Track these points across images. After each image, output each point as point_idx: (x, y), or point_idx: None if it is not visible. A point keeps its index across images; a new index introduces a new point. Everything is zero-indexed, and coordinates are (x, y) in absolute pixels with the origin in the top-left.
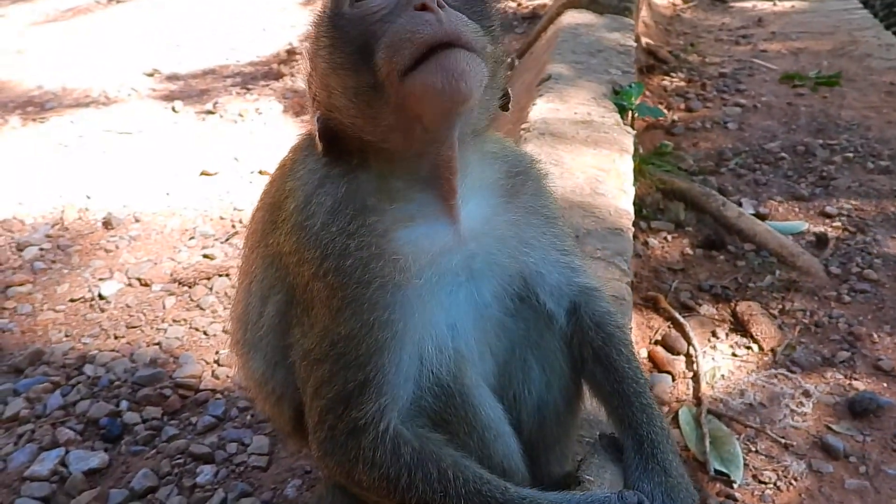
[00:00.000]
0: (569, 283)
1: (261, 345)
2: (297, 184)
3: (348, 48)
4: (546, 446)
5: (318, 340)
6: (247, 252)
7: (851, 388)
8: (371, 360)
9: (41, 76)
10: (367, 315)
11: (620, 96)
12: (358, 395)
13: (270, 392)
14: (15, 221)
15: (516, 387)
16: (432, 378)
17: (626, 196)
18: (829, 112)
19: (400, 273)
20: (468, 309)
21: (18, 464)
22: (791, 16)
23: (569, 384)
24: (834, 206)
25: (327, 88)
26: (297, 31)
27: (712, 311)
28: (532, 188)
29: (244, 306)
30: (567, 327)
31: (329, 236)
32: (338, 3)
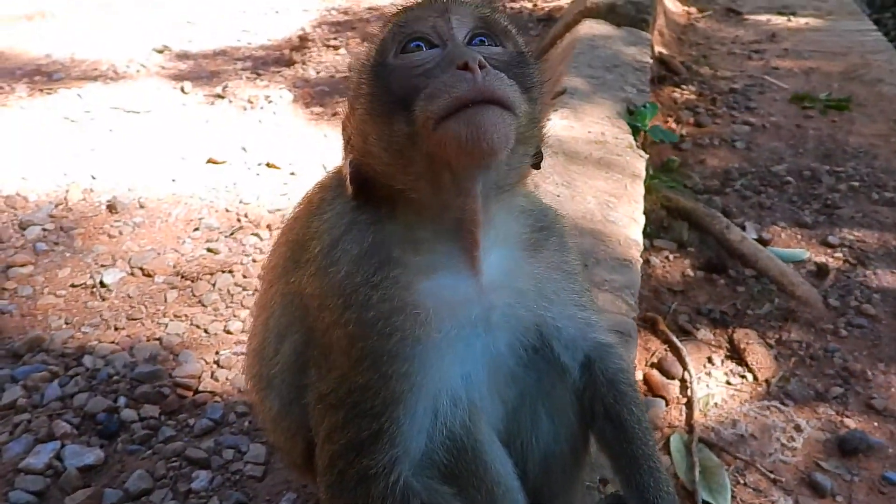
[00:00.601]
0: (584, 338)
1: (275, 382)
2: (324, 226)
3: (388, 97)
4: (551, 496)
5: (335, 386)
6: (265, 286)
7: (842, 426)
8: (386, 411)
9: (51, 44)
10: (386, 367)
11: (635, 116)
12: (370, 445)
13: (286, 429)
14: (18, 198)
15: (524, 435)
16: (446, 431)
17: (636, 225)
18: (837, 137)
19: (420, 327)
20: (483, 359)
21: (13, 454)
22: (805, 33)
23: (576, 436)
24: (836, 236)
25: (363, 134)
26: (311, 16)
27: (709, 336)
28: (555, 244)
29: (260, 341)
30: (579, 381)
31: (352, 286)
32: (383, 53)
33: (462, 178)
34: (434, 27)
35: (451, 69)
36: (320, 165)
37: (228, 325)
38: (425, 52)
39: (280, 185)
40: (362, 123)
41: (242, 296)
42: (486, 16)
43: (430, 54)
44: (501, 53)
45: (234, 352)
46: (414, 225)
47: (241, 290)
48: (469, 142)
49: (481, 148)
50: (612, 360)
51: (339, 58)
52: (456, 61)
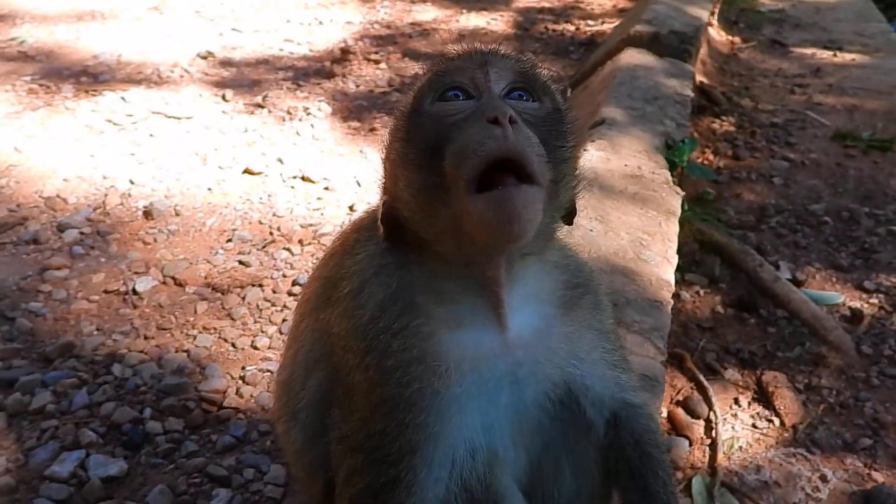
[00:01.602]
0: (612, 398)
1: (300, 416)
2: (355, 267)
3: (420, 145)
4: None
5: (356, 429)
6: (297, 319)
7: (870, 479)
8: (403, 459)
9: (98, 45)
10: (403, 415)
11: (673, 151)
12: (388, 492)
13: (307, 464)
14: (58, 200)
15: (546, 487)
16: (463, 481)
17: (669, 265)
18: (879, 179)
19: (439, 379)
20: (507, 411)
21: (39, 461)
22: (850, 69)
23: (598, 493)
24: (873, 282)
25: (395, 179)
26: (353, 28)
27: (737, 376)
28: (590, 302)
29: (289, 373)
30: (604, 438)
31: (374, 332)
32: (420, 101)
33: (486, 248)
34: (472, 78)
35: (481, 121)
36: (355, 181)
37: (256, 341)
38: (460, 103)
39: (314, 199)
40: (395, 167)
41: (271, 311)
42: (526, 70)
43: (466, 105)
44: (537, 109)
45: (260, 368)
46: (439, 275)
47: (270, 306)
48: (493, 228)
49: (505, 235)
50: (639, 421)
51: (379, 72)
52: (487, 114)
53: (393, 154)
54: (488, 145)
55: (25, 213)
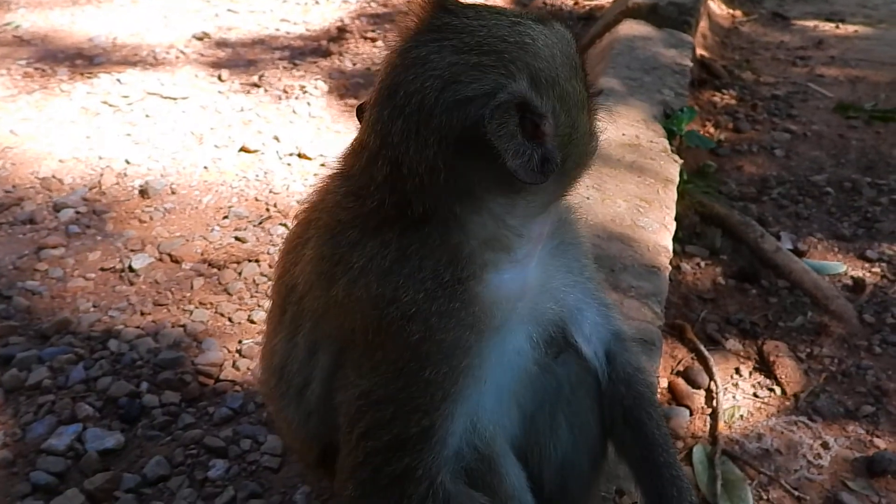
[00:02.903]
0: (604, 328)
1: (297, 397)
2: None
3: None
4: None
5: (385, 382)
6: (278, 305)
7: (872, 446)
8: (441, 408)
9: (93, 28)
10: (458, 361)
11: (671, 120)
12: (418, 442)
13: (303, 438)
14: (54, 180)
15: (542, 442)
16: (475, 435)
17: (666, 232)
18: (881, 149)
19: (486, 319)
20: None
21: (36, 435)
22: (853, 41)
23: (596, 445)
24: (875, 251)
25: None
26: (350, 7)
27: (738, 346)
28: (571, 234)
29: (282, 357)
30: (602, 377)
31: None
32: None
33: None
34: None
35: None
36: None
37: (252, 315)
38: None
39: (310, 176)
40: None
41: (267, 286)
42: None
43: None
44: None
45: (257, 342)
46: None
47: (267, 280)
48: None
49: None
50: (629, 357)
51: (375, 50)
52: None
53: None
54: None
55: (21, 194)
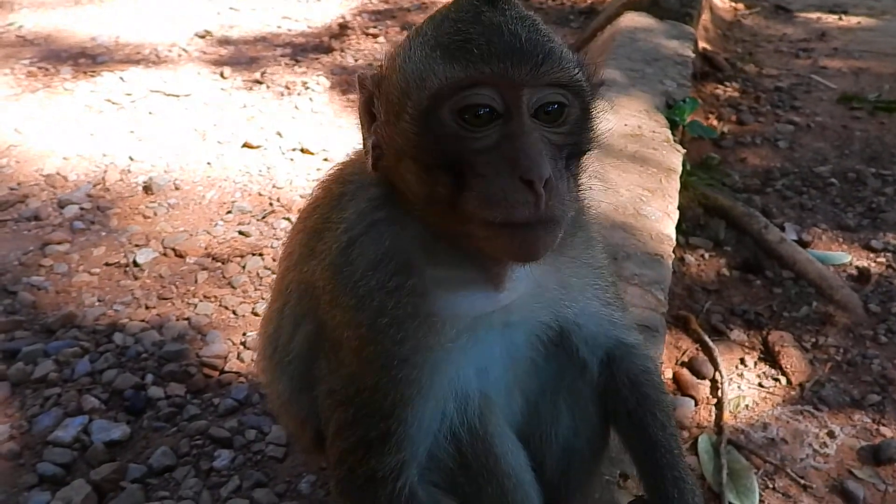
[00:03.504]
0: (605, 336)
1: (288, 369)
2: (343, 224)
3: (434, 155)
4: (569, 491)
5: (344, 384)
6: (281, 272)
7: (878, 434)
8: (394, 413)
9: (97, 28)
10: (396, 371)
11: (673, 111)
12: (378, 445)
13: (295, 415)
14: (58, 177)
15: (544, 428)
16: (455, 427)
17: (669, 220)
18: (885, 139)
19: (434, 336)
20: (501, 354)
21: (43, 427)
22: (856, 32)
23: (596, 432)
24: (880, 241)
25: (398, 154)
26: (351, 4)
27: (743, 337)
28: (581, 239)
29: (275, 327)
30: (599, 378)
31: (366, 289)
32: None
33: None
34: (503, 97)
35: (513, 174)
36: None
37: (256, 308)
38: (485, 121)
39: (313, 170)
40: (399, 145)
41: (271, 279)
42: (560, 79)
43: (491, 127)
44: (565, 120)
45: None
46: (437, 240)
47: (271, 273)
48: (516, 254)
49: (526, 259)
50: (635, 361)
51: (377, 46)
52: (522, 172)
53: (399, 135)
54: (519, 212)
55: (26, 191)
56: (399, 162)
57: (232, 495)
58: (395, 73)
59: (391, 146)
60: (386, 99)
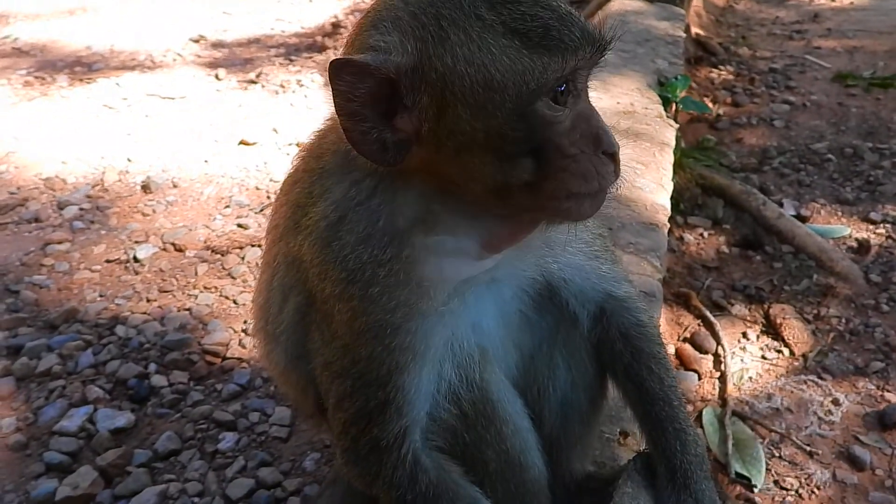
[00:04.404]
0: (594, 289)
1: (281, 339)
2: (327, 200)
3: (524, 143)
4: (568, 443)
5: (339, 355)
6: (268, 245)
7: (883, 400)
8: (391, 381)
9: (91, 37)
10: (390, 340)
11: (665, 88)
12: (379, 414)
13: (294, 382)
14: (57, 180)
15: (541, 382)
16: (454, 386)
17: (663, 191)
18: (881, 115)
19: (426, 300)
20: (492, 308)
21: (48, 418)
22: (849, 12)
23: (594, 385)
24: (879, 213)
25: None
26: (344, 3)
27: (744, 311)
28: None
29: (265, 298)
30: (593, 332)
31: (357, 263)
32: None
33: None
34: (577, 78)
35: (598, 151)
36: None
37: None
38: (565, 108)
39: None
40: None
41: None
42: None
43: (568, 109)
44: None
45: None
46: (437, 208)
47: None
48: (585, 215)
49: (590, 216)
50: (627, 314)
51: None
52: (603, 146)
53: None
54: (607, 182)
55: (26, 195)
56: (454, 159)
57: (237, 475)
58: (455, 63)
59: (445, 147)
60: (438, 93)
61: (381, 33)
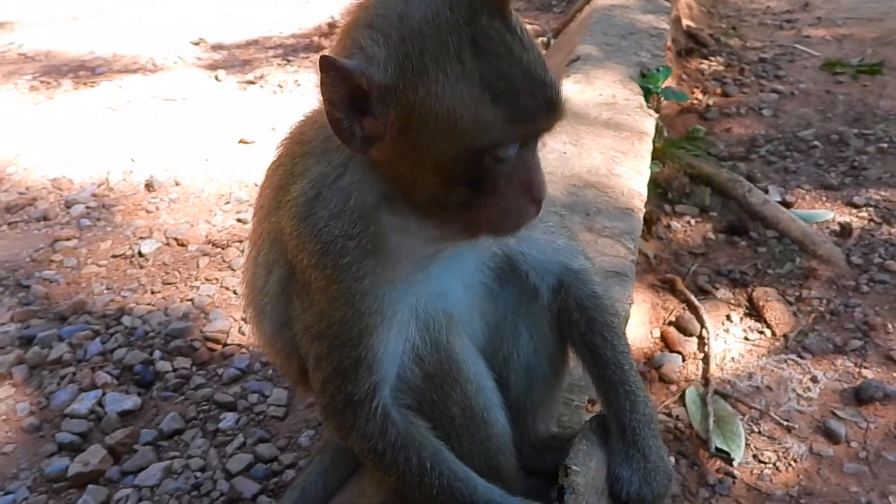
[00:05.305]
0: (551, 261)
1: (267, 309)
2: (307, 176)
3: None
4: (533, 406)
5: (316, 320)
6: (255, 223)
7: (860, 376)
8: (362, 342)
9: (93, 42)
10: (359, 305)
11: (647, 79)
12: (353, 372)
13: (280, 350)
14: (64, 180)
15: (506, 349)
16: (419, 349)
17: (640, 177)
18: (868, 101)
19: (392, 270)
20: (456, 280)
21: (60, 402)
22: (839, 0)
23: (555, 352)
24: (862, 196)
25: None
26: (340, 4)
27: (729, 295)
28: None
29: (252, 273)
30: (552, 303)
31: (330, 236)
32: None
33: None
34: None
35: (527, 196)
36: None
37: None
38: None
39: None
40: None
41: None
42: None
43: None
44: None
45: None
46: (398, 197)
47: None
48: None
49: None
50: (582, 286)
51: None
52: (534, 194)
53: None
54: (525, 220)
55: (34, 195)
56: (407, 167)
57: (237, 451)
58: (426, 97)
59: (401, 156)
60: (405, 115)
61: (371, 40)
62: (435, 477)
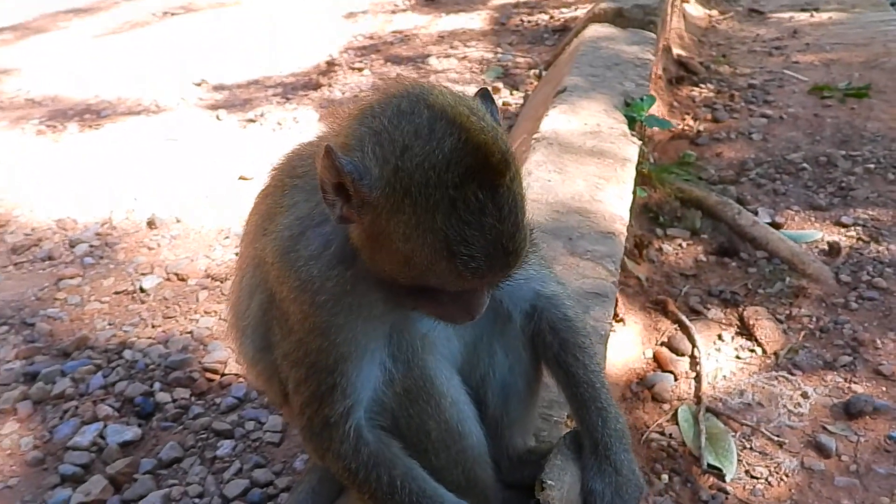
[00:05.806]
0: (523, 289)
1: (248, 332)
2: (294, 211)
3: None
4: (510, 421)
5: (295, 347)
6: (242, 249)
7: (850, 392)
8: (337, 369)
9: (99, 86)
10: (335, 336)
11: (631, 108)
12: (328, 396)
13: (261, 372)
14: (69, 220)
15: (483, 368)
16: (392, 375)
17: (622, 202)
18: (855, 123)
19: (368, 307)
20: None
21: (62, 435)
22: (827, 27)
23: (529, 370)
24: (850, 216)
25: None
26: (338, 43)
27: (720, 315)
28: None
29: (237, 297)
30: (527, 326)
31: (308, 275)
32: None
33: None
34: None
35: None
36: None
37: None
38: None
39: None
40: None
41: None
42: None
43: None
44: None
45: None
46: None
47: None
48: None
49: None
50: (555, 310)
51: (363, 78)
52: (473, 312)
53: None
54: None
55: (40, 235)
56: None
57: (233, 477)
58: (395, 228)
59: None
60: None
61: (372, 153)
62: (405, 494)
